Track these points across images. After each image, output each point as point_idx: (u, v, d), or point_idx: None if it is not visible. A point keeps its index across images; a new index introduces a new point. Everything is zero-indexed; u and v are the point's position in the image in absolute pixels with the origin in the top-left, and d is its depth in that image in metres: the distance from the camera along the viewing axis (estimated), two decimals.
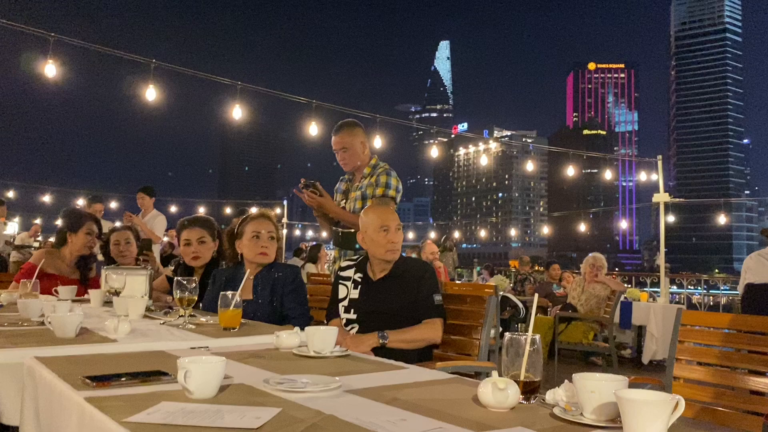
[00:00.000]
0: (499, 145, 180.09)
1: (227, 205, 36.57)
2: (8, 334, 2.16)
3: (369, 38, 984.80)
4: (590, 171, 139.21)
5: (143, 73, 7.06)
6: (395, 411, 1.25)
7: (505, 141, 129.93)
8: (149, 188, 7.77)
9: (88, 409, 1.22)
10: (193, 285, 2.49)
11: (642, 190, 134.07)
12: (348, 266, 3.08)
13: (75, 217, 3.95)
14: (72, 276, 3.85)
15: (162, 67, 7.24)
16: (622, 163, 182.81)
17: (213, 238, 3.60)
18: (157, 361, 1.73)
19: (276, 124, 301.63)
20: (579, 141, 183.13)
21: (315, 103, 8.86)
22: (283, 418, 1.16)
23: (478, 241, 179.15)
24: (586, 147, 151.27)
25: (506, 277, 11.85)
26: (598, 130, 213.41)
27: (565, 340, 6.75)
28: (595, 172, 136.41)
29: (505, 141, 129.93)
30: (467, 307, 3.03)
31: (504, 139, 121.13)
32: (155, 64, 7.08)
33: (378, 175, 3.79)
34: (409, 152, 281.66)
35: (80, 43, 7.35)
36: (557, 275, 10.01)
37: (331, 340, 1.92)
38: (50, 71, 6.76)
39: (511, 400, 1.25)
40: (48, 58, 6.68)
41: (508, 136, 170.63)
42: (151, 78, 7.07)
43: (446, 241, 13.29)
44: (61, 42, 6.95)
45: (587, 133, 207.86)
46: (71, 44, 7.15)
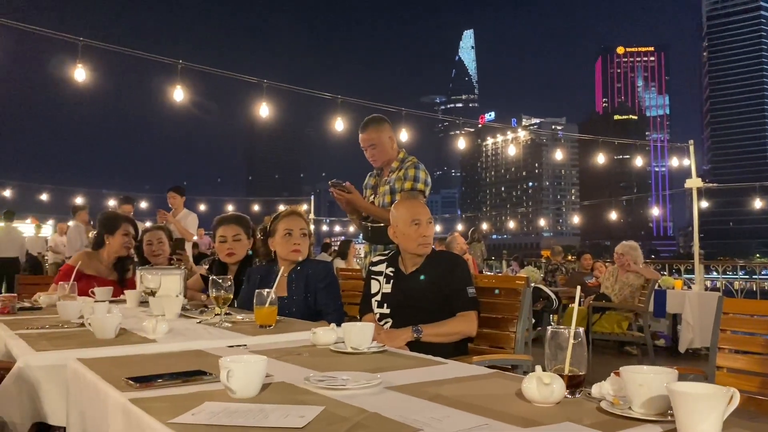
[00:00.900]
0: (528, 133, 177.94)
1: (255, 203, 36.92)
2: (50, 336, 2.20)
3: (392, 31, 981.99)
4: (622, 157, 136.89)
5: (171, 74, 7.15)
6: (438, 407, 1.23)
7: (534, 129, 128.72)
8: (180, 188, 7.86)
9: (134, 411, 1.23)
10: (228, 283, 2.50)
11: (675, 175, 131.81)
12: (379, 261, 3.08)
13: (111, 220, 4.01)
14: (109, 277, 3.90)
15: (189, 67, 7.31)
16: (654, 148, 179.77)
17: (248, 235, 3.63)
18: (196, 361, 1.74)
19: (302, 121, 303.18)
20: (609, 127, 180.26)
21: (341, 99, 8.87)
22: (326, 417, 1.15)
23: (509, 232, 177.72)
24: (617, 133, 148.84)
25: (537, 267, 11.74)
26: (629, 115, 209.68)
27: (599, 330, 6.67)
28: (626, 158, 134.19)
29: (534, 129, 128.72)
30: (501, 300, 3.00)
31: (533, 128, 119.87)
32: (182, 65, 7.15)
33: (406, 169, 3.77)
34: (435, 144, 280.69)
35: (108, 46, 7.45)
36: (589, 265, 9.89)
37: (368, 336, 1.92)
38: (80, 75, 6.86)
39: (557, 395, 1.23)
40: (77, 61, 6.79)
41: (537, 124, 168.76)
42: (178, 78, 7.15)
43: (474, 233, 13.22)
44: (90, 45, 7.05)
45: (618, 118, 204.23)
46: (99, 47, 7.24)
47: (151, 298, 2.87)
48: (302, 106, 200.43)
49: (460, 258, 3.01)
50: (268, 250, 3.21)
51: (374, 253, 3.75)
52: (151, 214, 10.90)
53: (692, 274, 9.93)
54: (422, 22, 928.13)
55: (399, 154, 3.90)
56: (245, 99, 9.28)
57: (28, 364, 1.79)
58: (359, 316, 3.07)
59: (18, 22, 7.24)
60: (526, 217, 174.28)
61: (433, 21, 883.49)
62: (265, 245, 3.23)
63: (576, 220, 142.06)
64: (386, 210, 3.63)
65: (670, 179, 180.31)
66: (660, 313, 7.58)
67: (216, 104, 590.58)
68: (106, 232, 3.94)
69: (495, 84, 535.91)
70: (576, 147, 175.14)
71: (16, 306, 3.01)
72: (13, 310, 2.94)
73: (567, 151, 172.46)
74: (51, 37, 7.62)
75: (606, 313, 6.80)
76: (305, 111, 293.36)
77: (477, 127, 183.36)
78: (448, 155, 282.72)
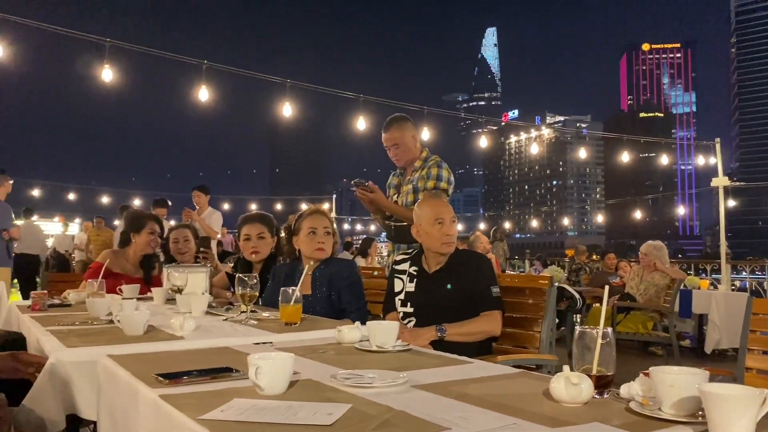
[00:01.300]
0: (552, 131, 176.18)
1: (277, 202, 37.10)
2: (80, 333, 2.24)
3: (414, 30, 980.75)
4: (647, 155, 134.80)
5: (195, 74, 7.22)
6: (466, 406, 1.23)
7: (558, 127, 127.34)
8: (204, 186, 7.94)
9: (164, 407, 1.25)
10: (254, 281, 2.52)
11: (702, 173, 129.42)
12: (403, 259, 3.08)
13: (137, 218, 4.06)
14: (136, 275, 3.96)
15: (213, 67, 7.38)
16: (680, 146, 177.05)
17: (271, 234, 3.66)
18: (224, 358, 1.76)
19: (324, 120, 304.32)
20: (635, 124, 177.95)
21: (362, 98, 8.88)
22: (354, 414, 1.16)
23: (532, 231, 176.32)
24: (643, 130, 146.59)
25: (560, 267, 11.65)
26: (654, 113, 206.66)
27: (623, 330, 6.60)
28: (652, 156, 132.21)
29: (558, 127, 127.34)
30: (526, 299, 2.99)
31: (557, 125, 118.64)
32: (207, 65, 7.22)
33: (429, 168, 3.77)
34: (457, 142, 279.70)
35: (135, 47, 7.55)
36: (613, 264, 9.77)
37: (393, 335, 1.92)
38: (107, 76, 6.96)
39: (585, 395, 1.22)
40: (104, 62, 6.89)
41: (562, 122, 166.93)
42: (203, 79, 7.22)
43: (496, 232, 13.15)
44: (117, 46, 7.15)
45: (644, 116, 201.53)
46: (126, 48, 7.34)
47: (178, 296, 2.91)
48: (325, 105, 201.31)
49: (484, 257, 3.01)
50: (293, 248, 3.23)
51: (397, 252, 3.75)
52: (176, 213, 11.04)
53: (719, 274, 9.76)
54: (445, 20, 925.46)
55: (422, 153, 3.90)
56: (268, 99, 9.34)
57: (60, 360, 1.83)
58: (382, 315, 3.08)
59: (47, 24, 7.36)
60: (550, 216, 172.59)
61: (455, 19, 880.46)
62: (290, 243, 3.25)
63: (600, 219, 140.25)
64: (409, 209, 3.63)
65: (697, 177, 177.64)
66: (685, 313, 7.48)
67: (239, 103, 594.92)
68: (132, 230, 3.99)
69: (518, 82, 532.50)
70: (601, 145, 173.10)
71: (46, 303, 3.06)
72: (43, 306, 3.00)
73: (592, 149, 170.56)
74: (78, 37, 7.73)
75: (631, 313, 6.73)
76: (327, 110, 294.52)
77: (500, 126, 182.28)
78: (470, 154, 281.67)
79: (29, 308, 2.98)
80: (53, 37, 7.68)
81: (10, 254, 6.73)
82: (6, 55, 6.95)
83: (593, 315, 7.19)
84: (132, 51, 7.58)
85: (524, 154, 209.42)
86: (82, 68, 9.36)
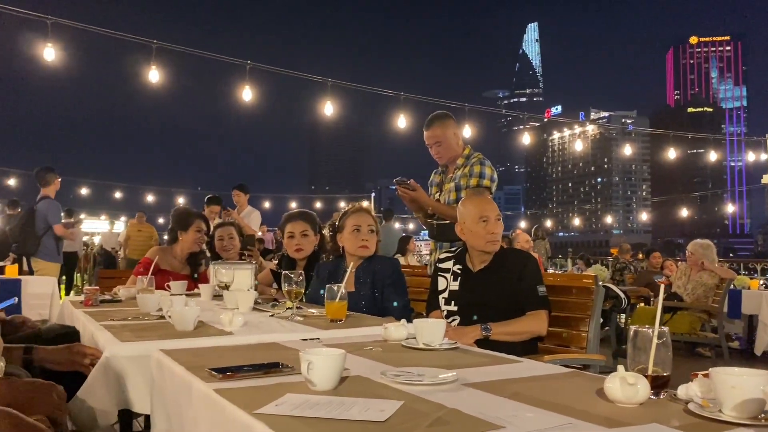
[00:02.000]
0: (597, 127, 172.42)
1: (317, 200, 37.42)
2: (133, 327, 2.30)
3: (454, 26, 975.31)
4: (695, 151, 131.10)
5: (239, 75, 7.33)
6: (518, 405, 1.22)
7: (602, 123, 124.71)
8: (244, 185, 8.07)
9: (219, 401, 1.27)
10: (300, 278, 2.55)
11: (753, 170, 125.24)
12: (447, 257, 3.07)
13: (185, 216, 4.14)
14: (183, 272, 4.04)
15: (256, 68, 7.47)
16: (729, 142, 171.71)
17: (314, 231, 3.69)
18: (273, 353, 1.78)
19: (364, 118, 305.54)
20: (683, 120, 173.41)
21: (403, 96, 8.88)
22: (406, 411, 1.16)
23: (576, 229, 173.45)
24: (691, 126, 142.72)
25: (603, 266, 11.45)
26: (703, 108, 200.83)
27: (670, 330, 6.44)
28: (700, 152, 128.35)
29: (602, 123, 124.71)
30: (571, 298, 2.95)
31: (601, 121, 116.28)
32: (250, 65, 7.32)
33: (472, 165, 3.72)
34: (497, 139, 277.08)
35: (180, 48, 7.70)
36: (658, 263, 9.57)
37: (441, 333, 1.92)
38: (153, 77, 7.12)
39: (641, 395, 1.20)
40: (151, 64, 7.04)
41: (606, 118, 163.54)
42: (246, 79, 7.33)
43: (538, 231, 13.01)
44: (162, 48, 7.30)
45: (692, 111, 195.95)
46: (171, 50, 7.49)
47: (225, 292, 2.96)
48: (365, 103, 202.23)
49: (530, 256, 2.97)
50: (337, 245, 3.25)
51: (440, 251, 3.74)
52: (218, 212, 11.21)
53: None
54: (485, 16, 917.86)
55: (464, 150, 3.85)
56: (310, 98, 9.44)
57: (114, 354, 1.87)
58: (425, 313, 3.08)
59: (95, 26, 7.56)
60: (594, 214, 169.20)
61: (496, 15, 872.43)
62: (334, 241, 3.27)
63: (647, 217, 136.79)
64: (451, 207, 3.61)
65: (748, 174, 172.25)
66: (735, 314, 7.27)
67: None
68: (179, 228, 4.07)
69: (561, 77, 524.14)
70: (647, 141, 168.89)
71: (98, 298, 3.15)
72: (95, 302, 3.08)
73: (637, 145, 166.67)
74: (126, 39, 7.92)
75: (678, 313, 6.58)
76: (368, 108, 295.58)
77: (543, 122, 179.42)
78: (511, 151, 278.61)
79: (82, 303, 3.06)
80: (102, 39, 7.87)
81: (59, 251, 6.93)
82: (57, 58, 7.16)
83: (639, 315, 7.04)
84: (178, 52, 7.73)
85: (567, 150, 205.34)
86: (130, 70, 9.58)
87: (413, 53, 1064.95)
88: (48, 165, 7.21)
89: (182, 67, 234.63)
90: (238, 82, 7.30)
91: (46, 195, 6.83)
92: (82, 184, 29.47)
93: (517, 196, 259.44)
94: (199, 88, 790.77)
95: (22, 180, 23.73)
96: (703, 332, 6.56)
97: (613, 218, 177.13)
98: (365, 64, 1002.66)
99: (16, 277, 5.84)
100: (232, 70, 7.94)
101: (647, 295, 8.04)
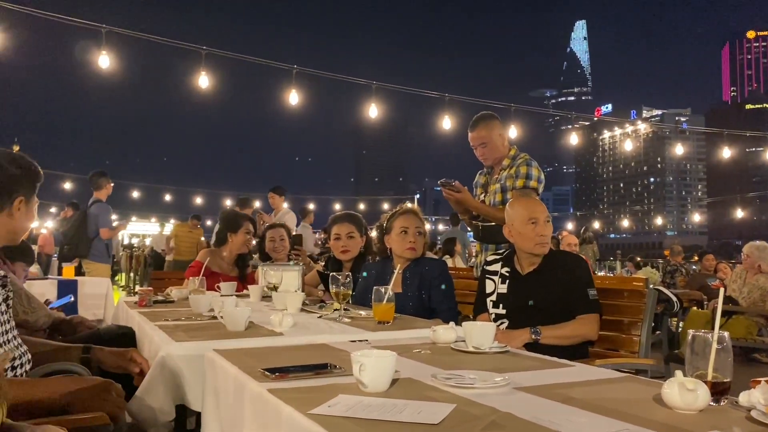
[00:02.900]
0: (649, 125, 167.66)
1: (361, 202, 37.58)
2: (186, 328, 2.35)
3: (499, 25, 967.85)
4: (754, 149, 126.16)
5: (286, 78, 7.44)
6: (572, 410, 1.21)
7: (655, 122, 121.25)
8: (279, 188, 8.21)
9: (272, 401, 1.29)
10: (347, 279, 2.56)
11: None
12: (494, 260, 3.04)
13: (235, 218, 4.23)
14: (231, 273, 4.11)
15: (302, 72, 7.57)
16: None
17: (361, 233, 3.71)
18: (323, 354, 1.79)
19: (408, 120, 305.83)
20: (740, 117, 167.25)
21: (448, 97, 8.86)
22: (459, 414, 1.16)
23: (628, 231, 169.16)
24: (749, 123, 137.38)
25: (654, 269, 11.18)
26: (762, 104, 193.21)
27: None
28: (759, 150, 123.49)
29: (655, 122, 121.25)
30: (623, 302, 2.89)
31: (654, 120, 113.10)
32: (296, 69, 7.41)
33: (518, 166, 3.67)
34: (544, 140, 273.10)
35: (229, 54, 7.85)
36: (712, 266, 9.28)
37: (490, 336, 1.90)
38: (203, 82, 7.28)
39: (701, 401, 1.17)
40: (201, 69, 7.21)
41: (659, 116, 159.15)
42: (293, 83, 7.43)
43: (585, 233, 12.77)
44: (211, 54, 7.46)
45: (750, 107, 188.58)
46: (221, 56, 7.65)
47: (274, 293, 3.00)
48: (409, 105, 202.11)
49: (580, 258, 2.93)
50: (384, 246, 3.26)
51: (485, 253, 3.71)
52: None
53: None
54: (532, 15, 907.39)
55: (510, 151, 3.80)
56: (354, 100, 9.51)
57: (170, 354, 1.92)
58: (473, 316, 3.05)
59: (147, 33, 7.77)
60: (647, 214, 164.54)
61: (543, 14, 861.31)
62: (381, 242, 3.28)
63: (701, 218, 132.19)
64: (497, 209, 3.58)
65: None
66: None
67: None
68: (229, 230, 4.15)
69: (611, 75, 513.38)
70: (702, 139, 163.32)
71: (151, 299, 3.23)
72: (149, 303, 3.17)
73: (692, 143, 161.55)
74: (175, 46, 8.11)
75: (733, 318, 6.37)
76: (412, 109, 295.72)
77: (593, 121, 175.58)
78: (559, 151, 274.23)
79: (136, 304, 3.15)
80: (153, 46, 8.10)
81: (109, 253, 7.16)
82: (111, 65, 7.39)
83: (692, 319, 6.85)
84: (227, 58, 7.89)
85: (619, 150, 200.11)
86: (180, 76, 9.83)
87: (458, 53, 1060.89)
88: (101, 170, 7.44)
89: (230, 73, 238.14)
90: (285, 86, 7.45)
91: (98, 198, 7.06)
92: (134, 188, 30.34)
93: (566, 197, 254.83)
94: (246, 92, 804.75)
95: (78, 184, 24.60)
96: (760, 337, 6.34)
97: (666, 219, 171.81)
98: (410, 66, 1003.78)
99: (73, 278, 6.06)
100: (278, 74, 8.10)
101: (700, 299, 7.82)
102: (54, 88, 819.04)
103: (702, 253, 10.01)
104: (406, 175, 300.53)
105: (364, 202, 38.79)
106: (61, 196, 24.14)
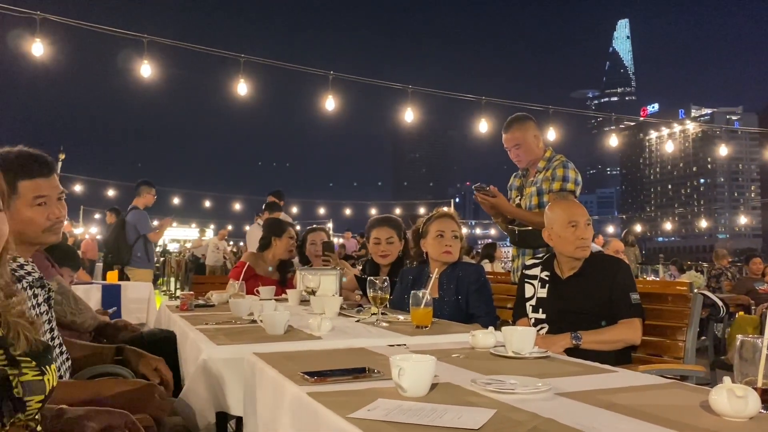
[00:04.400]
0: (698, 125, 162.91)
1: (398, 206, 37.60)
2: (226, 331, 2.38)
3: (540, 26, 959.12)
4: None
5: (322, 85, 7.52)
6: (617, 417, 1.18)
7: (704, 121, 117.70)
8: (278, 192, 8.14)
9: (312, 404, 1.30)
10: (384, 284, 2.56)
11: None
12: (533, 264, 3.00)
13: (279, 224, 4.31)
14: (272, 277, 4.17)
15: (339, 77, 7.64)
16: None
17: (400, 238, 3.71)
18: (362, 358, 1.80)
19: (445, 123, 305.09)
20: None
21: (485, 100, 8.81)
22: (500, 420, 1.15)
23: (676, 233, 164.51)
24: None
25: (698, 272, 10.90)
26: None
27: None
28: None
29: (704, 121, 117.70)
30: (665, 306, 2.83)
31: (704, 119, 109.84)
32: (333, 75, 7.48)
33: (554, 169, 3.60)
34: (587, 141, 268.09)
35: (268, 61, 7.96)
36: (759, 270, 9.00)
37: (531, 341, 1.88)
38: (242, 90, 7.41)
39: (751, 409, 1.13)
40: (239, 76, 7.33)
41: (709, 115, 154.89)
42: (329, 88, 7.51)
43: (627, 236, 12.54)
44: (248, 62, 7.58)
45: None
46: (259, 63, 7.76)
47: (312, 297, 3.01)
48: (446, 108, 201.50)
49: (622, 262, 2.87)
50: (420, 250, 3.26)
51: (522, 257, 3.66)
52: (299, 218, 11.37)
53: None
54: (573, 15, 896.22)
55: (545, 153, 3.73)
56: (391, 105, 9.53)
57: (211, 357, 1.95)
58: (512, 320, 3.02)
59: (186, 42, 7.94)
60: (697, 217, 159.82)
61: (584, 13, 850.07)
62: (417, 246, 3.27)
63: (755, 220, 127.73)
64: (533, 213, 3.53)
65: None
66: None
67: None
68: (274, 235, 4.22)
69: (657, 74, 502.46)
70: (755, 139, 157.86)
71: (193, 303, 3.29)
72: (190, 307, 3.22)
73: (745, 143, 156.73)
74: (213, 54, 8.26)
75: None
76: (449, 113, 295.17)
77: (638, 122, 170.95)
78: (602, 152, 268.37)
79: (178, 308, 3.21)
80: (191, 55, 8.27)
81: (149, 258, 7.30)
82: (152, 75, 7.57)
83: (739, 324, 6.66)
84: (263, 65, 8.00)
85: (666, 150, 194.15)
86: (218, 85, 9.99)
87: (498, 54, 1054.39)
88: (146, 179, 7.61)
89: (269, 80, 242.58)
90: (322, 92, 7.52)
91: (135, 206, 7.22)
92: (175, 194, 30.97)
93: (610, 200, 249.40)
94: (284, 98, 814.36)
95: (120, 191, 25.27)
96: None
97: (717, 221, 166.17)
98: (447, 68, 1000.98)
99: (117, 282, 6.22)
100: (315, 80, 8.18)
101: (747, 304, 7.58)
102: (99, 97, 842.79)
103: (749, 257, 9.73)
104: (445, 179, 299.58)
105: (401, 206, 38.81)
106: (103, 203, 24.87)
